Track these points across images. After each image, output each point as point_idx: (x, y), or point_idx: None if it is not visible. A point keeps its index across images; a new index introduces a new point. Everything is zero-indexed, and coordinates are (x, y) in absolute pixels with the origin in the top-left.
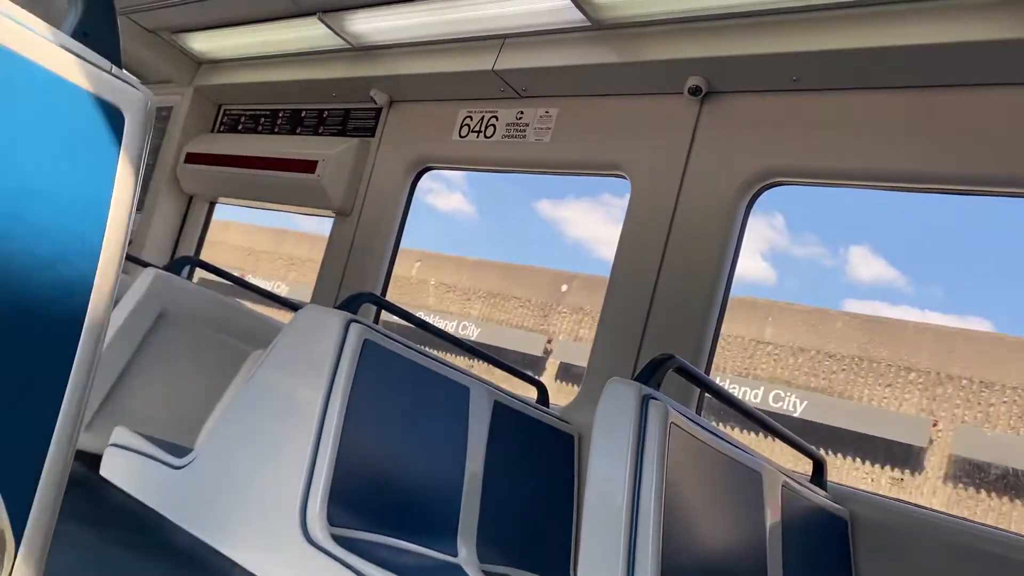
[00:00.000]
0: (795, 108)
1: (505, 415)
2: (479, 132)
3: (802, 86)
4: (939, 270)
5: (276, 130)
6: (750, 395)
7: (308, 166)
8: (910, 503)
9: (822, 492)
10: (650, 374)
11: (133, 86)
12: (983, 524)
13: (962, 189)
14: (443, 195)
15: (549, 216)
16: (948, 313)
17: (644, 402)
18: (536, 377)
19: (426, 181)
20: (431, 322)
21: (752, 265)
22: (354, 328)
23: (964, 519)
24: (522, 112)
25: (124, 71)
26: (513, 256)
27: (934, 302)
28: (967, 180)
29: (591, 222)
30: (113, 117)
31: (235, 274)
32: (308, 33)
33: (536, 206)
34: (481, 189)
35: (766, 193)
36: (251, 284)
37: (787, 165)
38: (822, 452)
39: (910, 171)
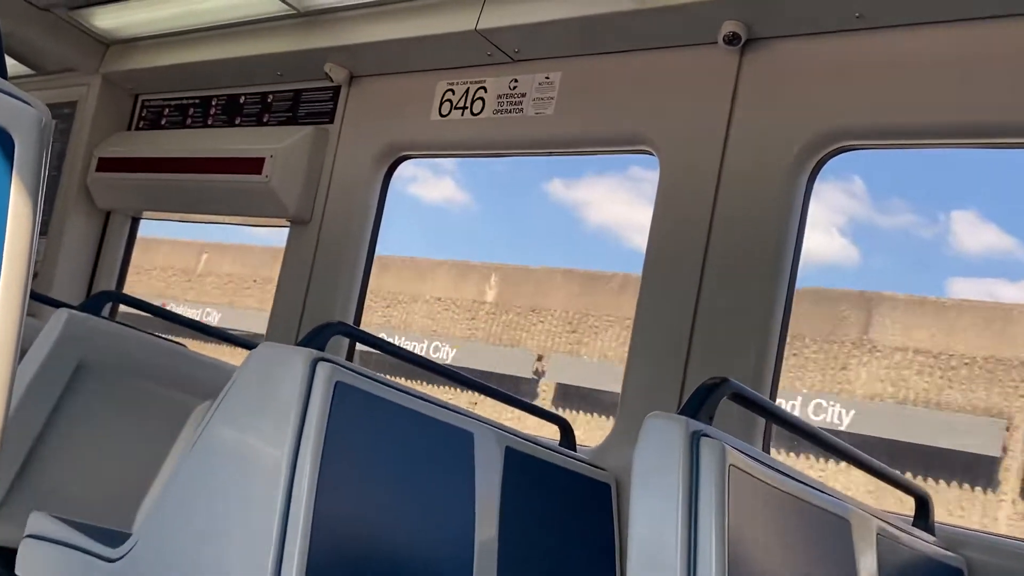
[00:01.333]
0: (861, 52)
1: (521, 463)
2: (464, 108)
3: (869, 23)
4: None
5: (209, 122)
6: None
7: (253, 165)
8: None
9: (929, 537)
10: (700, 404)
11: (22, 101)
12: None
13: None
14: (429, 183)
15: (564, 199)
16: None
17: (694, 440)
18: (557, 415)
19: (406, 169)
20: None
21: (826, 244)
22: (323, 368)
23: None
24: (516, 80)
25: (9, 83)
26: (520, 255)
27: None
28: None
29: (618, 203)
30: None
31: (170, 308)
32: None
33: (548, 188)
34: (477, 173)
35: (833, 160)
36: (191, 320)
37: (856, 124)
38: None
39: (1017, 122)
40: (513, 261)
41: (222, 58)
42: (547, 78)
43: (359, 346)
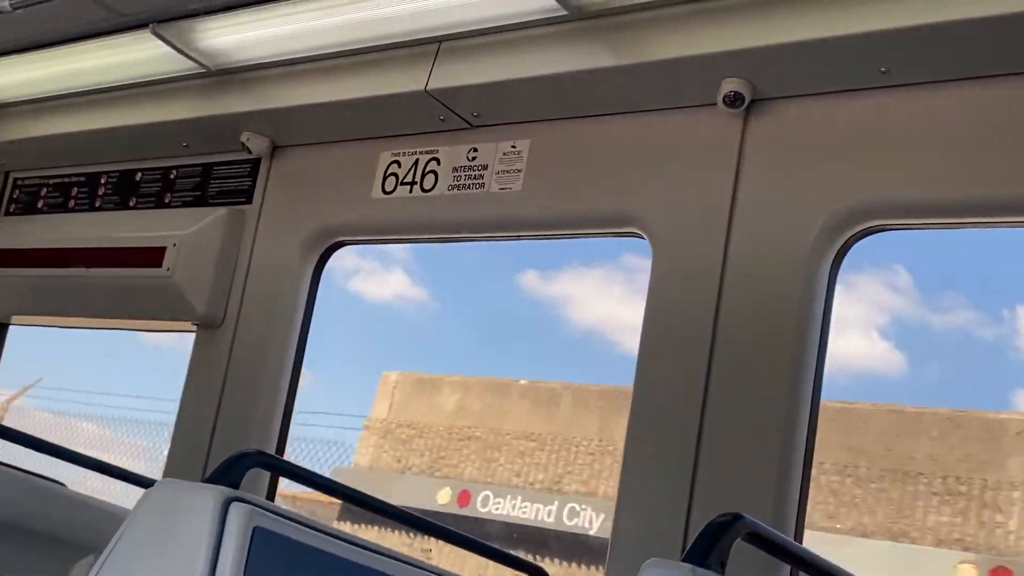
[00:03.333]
0: (889, 113)
1: None
2: (413, 183)
3: (897, 79)
4: None
5: (98, 204)
6: None
7: (151, 256)
8: None
9: None
10: (708, 548)
11: None
12: None
13: None
14: (376, 276)
15: (543, 295)
16: None
17: None
18: (535, 565)
19: (345, 259)
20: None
21: (867, 349)
22: (237, 510)
23: None
24: (476, 149)
25: None
26: (488, 367)
27: None
28: None
29: (610, 299)
30: None
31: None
32: (139, 55)
33: (522, 281)
34: (436, 262)
35: (864, 244)
36: (73, 452)
37: (886, 200)
38: None
39: None
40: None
41: (114, 126)
42: (513, 147)
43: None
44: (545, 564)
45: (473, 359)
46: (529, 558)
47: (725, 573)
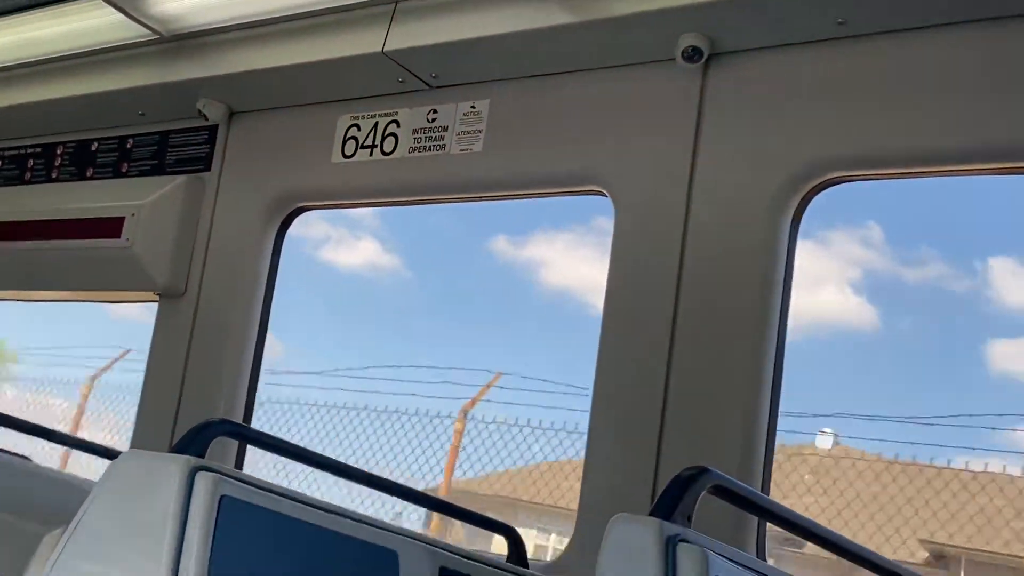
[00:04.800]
0: (848, 65)
1: None
2: (373, 147)
3: (854, 31)
4: None
5: (55, 176)
6: None
7: (110, 226)
8: None
9: None
10: (675, 502)
11: None
12: None
13: None
14: (346, 244)
15: (514, 259)
16: None
17: (670, 546)
18: (503, 523)
19: (314, 228)
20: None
21: (840, 304)
22: (203, 479)
23: None
24: (435, 111)
25: None
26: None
27: None
28: None
29: (580, 261)
30: None
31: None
32: (90, 23)
33: (494, 247)
34: (408, 229)
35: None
36: (36, 427)
37: (847, 151)
38: None
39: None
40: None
41: (68, 96)
42: (473, 107)
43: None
44: None
45: (446, 329)
46: None
47: (692, 525)
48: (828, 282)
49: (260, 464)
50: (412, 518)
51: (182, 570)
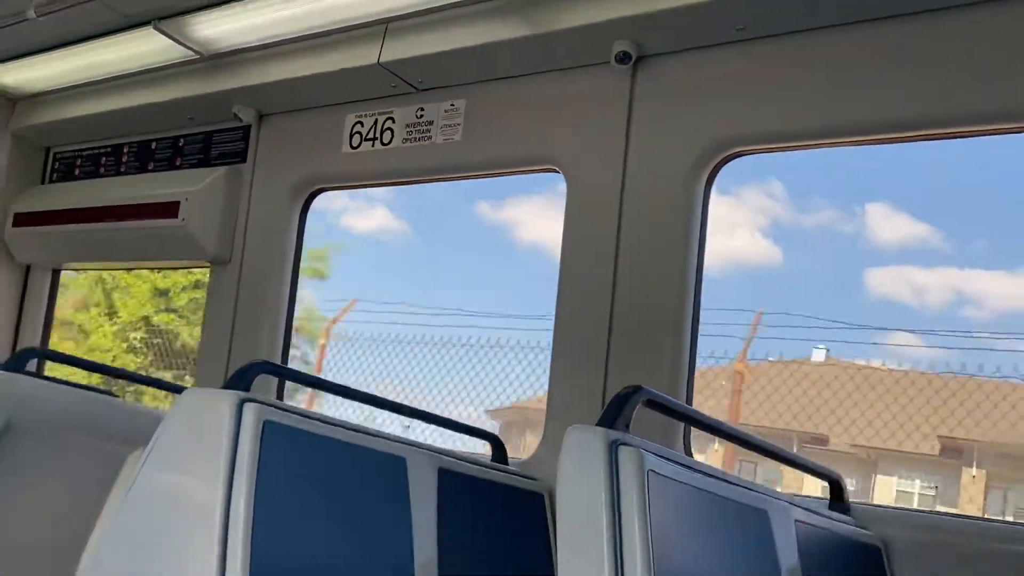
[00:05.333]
0: (745, 63)
1: (455, 483)
2: (374, 139)
3: (749, 35)
4: (980, 219)
5: (123, 170)
6: None
7: (168, 209)
8: (951, 514)
9: (845, 518)
10: (616, 414)
11: None
12: None
13: (966, 131)
14: (363, 213)
15: (495, 220)
16: (995, 269)
17: (613, 449)
18: (488, 431)
19: (336, 201)
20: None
21: (751, 247)
22: (249, 409)
23: (1019, 523)
24: (422, 109)
25: None
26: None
27: (978, 258)
28: (968, 119)
29: (547, 220)
30: None
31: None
32: (145, 47)
33: (478, 211)
34: (413, 199)
35: (753, 165)
36: (120, 370)
37: (745, 131)
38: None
39: (894, 118)
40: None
41: (130, 106)
42: (452, 105)
43: None
44: None
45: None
46: None
47: (630, 430)
48: (742, 230)
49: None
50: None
51: (236, 478)
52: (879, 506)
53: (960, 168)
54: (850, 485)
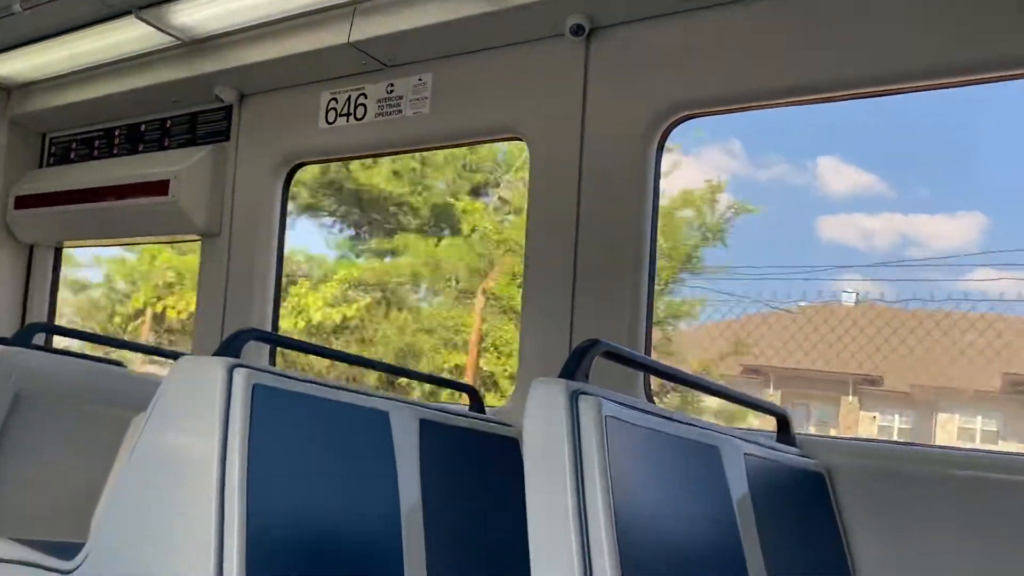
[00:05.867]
0: (692, 31)
1: (435, 433)
2: (348, 115)
3: (696, 4)
4: (922, 168)
5: (115, 152)
6: None
7: (159, 187)
8: (889, 441)
9: (792, 450)
10: (575, 366)
11: None
12: (972, 449)
13: (907, 87)
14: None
15: None
16: (936, 213)
17: (573, 399)
18: (464, 383)
19: None
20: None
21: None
22: (239, 374)
23: (951, 448)
24: (392, 84)
25: None
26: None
27: (920, 204)
28: (910, 76)
29: None
30: None
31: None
32: (129, 35)
33: None
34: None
35: (713, 124)
36: (121, 340)
37: (693, 96)
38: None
39: (835, 78)
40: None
41: (120, 91)
42: (420, 80)
43: None
44: None
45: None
46: None
47: (593, 380)
48: (703, 185)
49: None
50: None
51: (229, 439)
52: (822, 436)
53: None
54: (906, 424)
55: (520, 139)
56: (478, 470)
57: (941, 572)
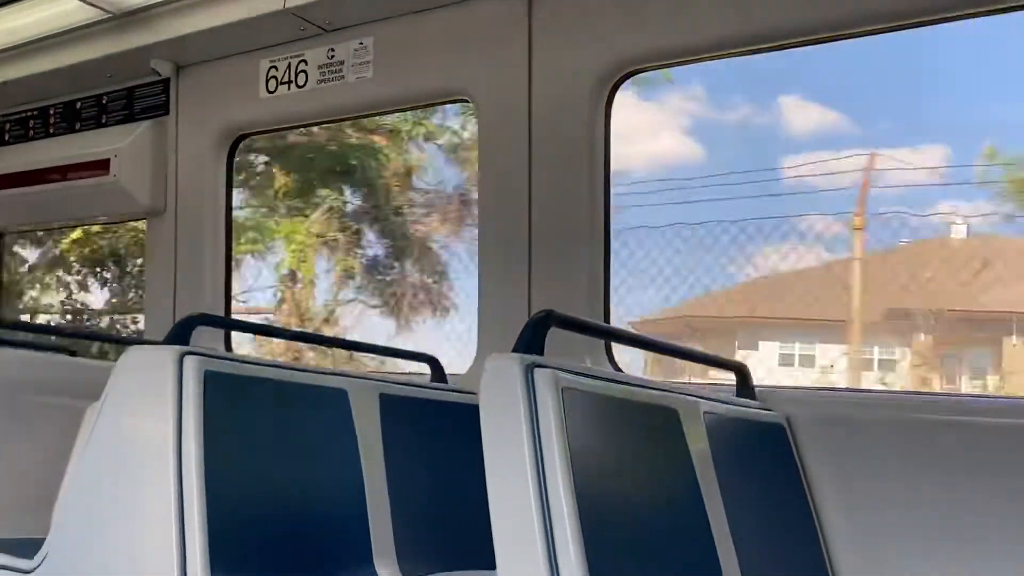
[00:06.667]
0: None
1: (396, 407)
2: (289, 82)
3: None
4: (884, 102)
5: (51, 131)
6: None
7: (100, 166)
8: (846, 388)
9: (751, 402)
10: (530, 339)
11: None
12: (928, 392)
13: (856, 32)
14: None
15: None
16: (899, 147)
17: (528, 372)
18: (424, 353)
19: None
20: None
21: (673, 147)
22: (190, 361)
23: (908, 392)
24: (333, 49)
25: None
26: None
27: (885, 136)
28: (858, 19)
29: None
30: None
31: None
32: (57, 9)
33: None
34: None
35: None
36: (71, 330)
37: (639, 50)
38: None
39: (785, 25)
40: None
41: (52, 68)
42: (361, 44)
43: None
44: None
45: None
46: None
47: (548, 350)
48: (665, 130)
49: None
50: None
51: (184, 427)
52: (780, 387)
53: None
54: None
55: (467, 100)
56: (442, 441)
57: (901, 514)
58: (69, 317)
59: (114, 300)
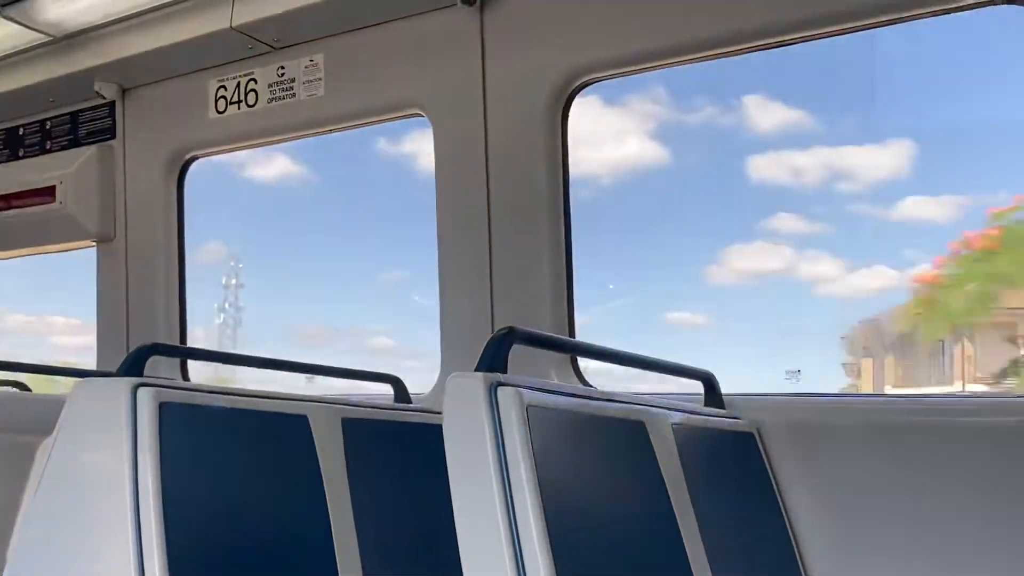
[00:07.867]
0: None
1: (358, 430)
2: (239, 102)
3: None
4: (848, 99)
5: None
6: None
7: (46, 193)
8: (813, 394)
9: (720, 411)
10: (492, 357)
11: None
12: (896, 395)
13: (810, 35)
14: (262, 163)
15: (395, 154)
16: (864, 144)
17: (492, 391)
18: (386, 373)
19: (236, 156)
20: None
21: (639, 152)
22: (144, 393)
23: (875, 395)
24: (283, 67)
25: None
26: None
27: (849, 134)
28: (806, 24)
29: None
30: None
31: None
32: None
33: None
34: (312, 145)
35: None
36: (20, 364)
37: (592, 61)
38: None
39: (736, 30)
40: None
41: None
42: (311, 60)
43: None
44: None
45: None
46: None
47: (508, 371)
48: (630, 135)
49: None
50: None
51: (140, 461)
52: (748, 395)
53: (826, 54)
54: None
55: (421, 115)
56: (407, 462)
57: (874, 519)
58: None
59: None
